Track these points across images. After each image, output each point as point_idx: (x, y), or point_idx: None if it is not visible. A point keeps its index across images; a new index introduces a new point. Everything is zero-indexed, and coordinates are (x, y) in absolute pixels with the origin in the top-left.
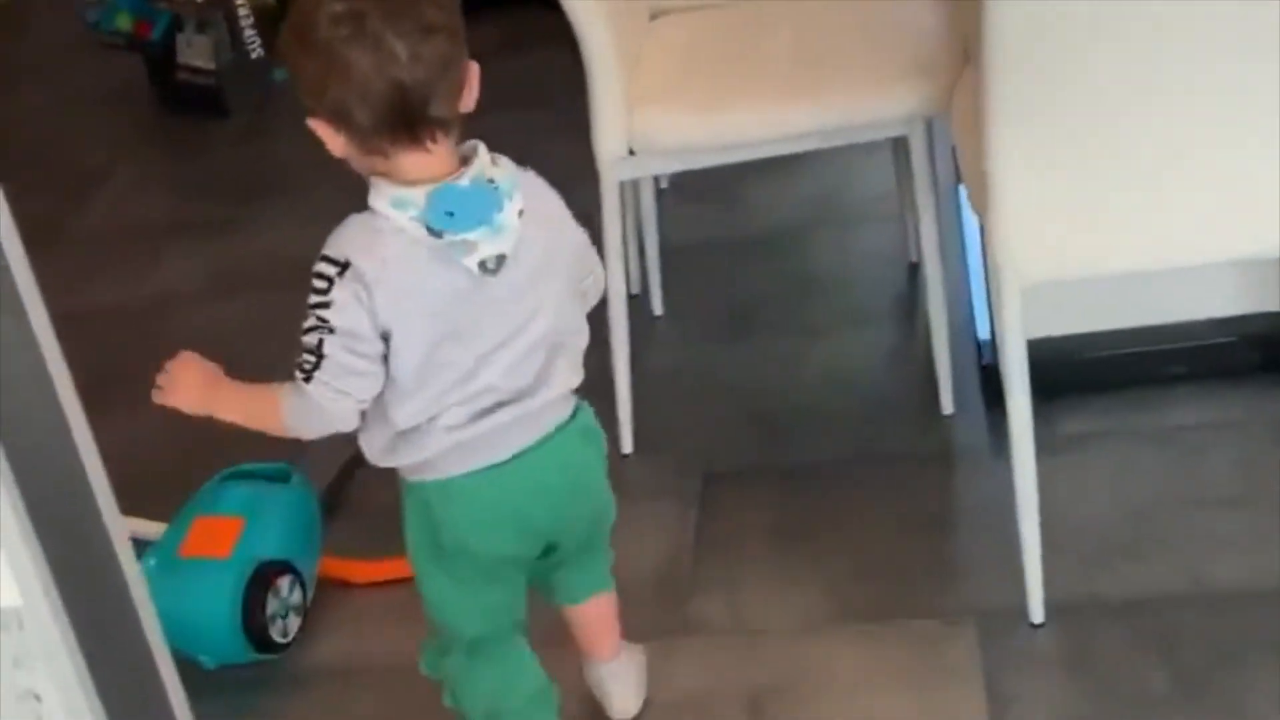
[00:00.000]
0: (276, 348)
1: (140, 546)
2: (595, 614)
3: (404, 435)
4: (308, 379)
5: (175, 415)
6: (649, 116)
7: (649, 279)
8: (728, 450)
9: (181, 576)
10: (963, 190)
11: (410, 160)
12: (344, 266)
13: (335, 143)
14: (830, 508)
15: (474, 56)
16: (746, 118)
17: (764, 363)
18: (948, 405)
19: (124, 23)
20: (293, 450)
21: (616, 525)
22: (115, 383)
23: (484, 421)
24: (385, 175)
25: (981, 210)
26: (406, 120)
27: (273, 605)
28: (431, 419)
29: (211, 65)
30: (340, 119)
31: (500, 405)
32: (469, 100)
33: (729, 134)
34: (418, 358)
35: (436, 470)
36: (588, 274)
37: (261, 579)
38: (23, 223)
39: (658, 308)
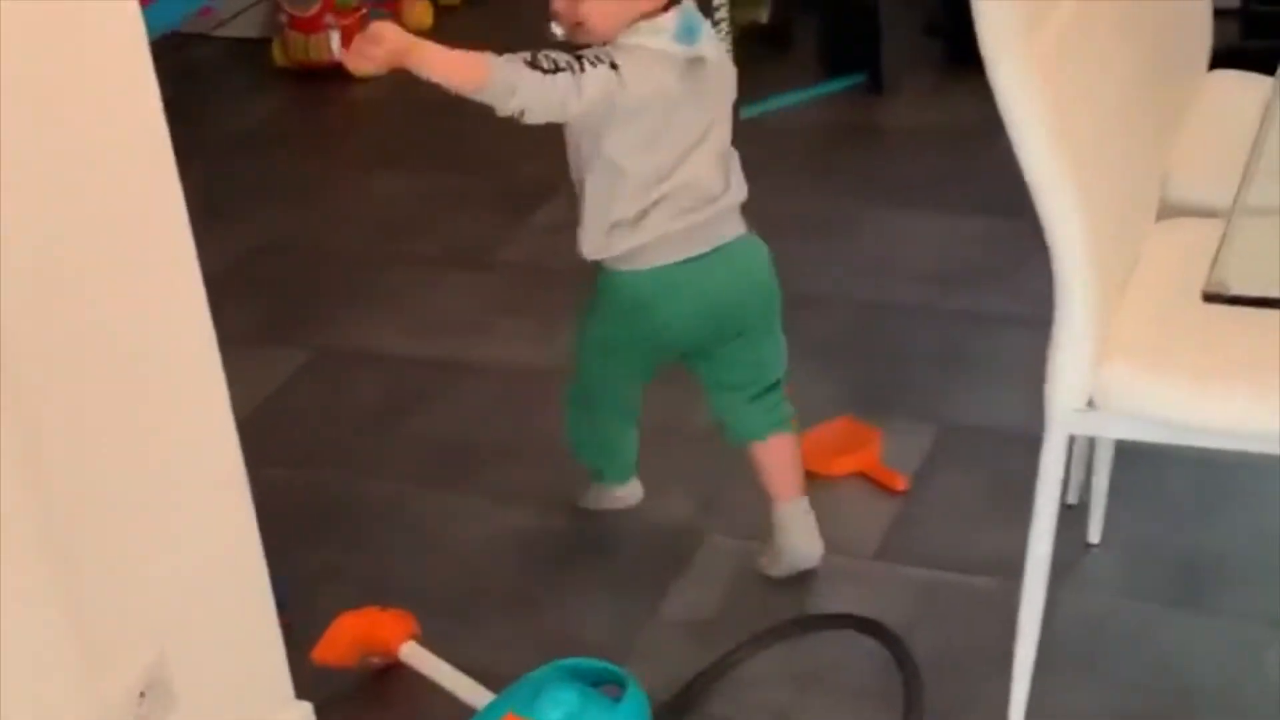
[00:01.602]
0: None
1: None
2: (776, 453)
3: (619, 226)
4: (541, 66)
5: (531, 514)
6: (1122, 376)
7: (1093, 489)
8: None
9: None
10: None
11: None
12: (613, 66)
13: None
14: None
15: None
16: (1252, 408)
17: (1210, 649)
18: None
19: None
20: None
21: None
22: (483, 456)
23: (690, 216)
24: (642, 17)
25: None
26: None
27: None
28: (643, 211)
29: None
30: None
31: (701, 203)
32: None
33: (1222, 420)
34: (638, 146)
35: (648, 259)
36: None
37: None
38: (457, 242)
39: (1094, 532)
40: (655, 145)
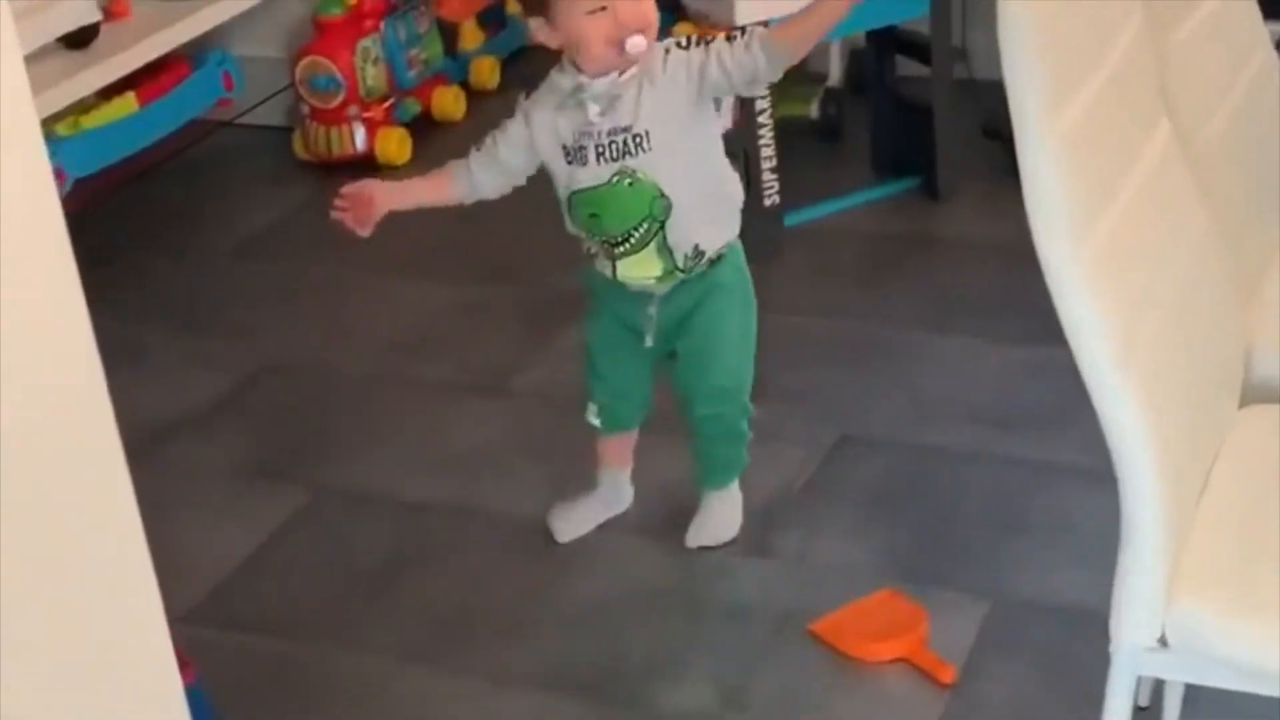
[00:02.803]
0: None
1: None
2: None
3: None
4: None
5: (533, 700)
6: (1199, 614)
7: (1165, 694)
8: None
9: None
10: None
11: None
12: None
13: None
14: None
15: None
16: None
17: None
18: None
19: None
20: None
21: None
22: (483, 627)
23: None
24: None
25: None
26: None
27: None
28: None
29: None
30: None
31: None
32: None
33: None
34: None
35: None
36: None
37: None
38: (473, 364)
39: None
40: None
